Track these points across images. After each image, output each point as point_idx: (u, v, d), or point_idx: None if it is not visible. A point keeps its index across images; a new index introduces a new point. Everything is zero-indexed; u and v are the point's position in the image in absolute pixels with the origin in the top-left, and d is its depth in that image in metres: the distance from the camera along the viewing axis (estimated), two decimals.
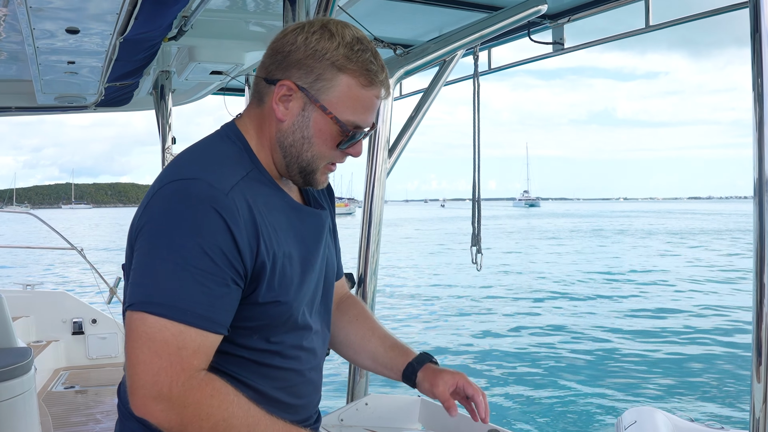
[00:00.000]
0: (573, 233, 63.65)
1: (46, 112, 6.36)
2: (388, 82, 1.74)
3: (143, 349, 1.48)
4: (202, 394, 1.50)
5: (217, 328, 1.54)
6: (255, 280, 1.61)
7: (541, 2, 3.56)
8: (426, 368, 2.03)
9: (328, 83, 1.65)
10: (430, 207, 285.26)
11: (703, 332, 16.83)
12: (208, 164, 1.64)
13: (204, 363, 1.54)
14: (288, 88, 1.67)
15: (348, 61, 1.65)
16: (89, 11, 2.91)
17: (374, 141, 3.68)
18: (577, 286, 25.70)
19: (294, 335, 1.76)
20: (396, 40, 4.13)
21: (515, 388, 12.06)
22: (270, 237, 1.63)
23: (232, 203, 1.56)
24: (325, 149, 1.71)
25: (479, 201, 4.19)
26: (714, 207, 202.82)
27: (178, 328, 1.49)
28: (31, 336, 7.47)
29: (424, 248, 44.90)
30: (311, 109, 1.67)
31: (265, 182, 1.72)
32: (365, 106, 1.70)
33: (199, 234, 1.52)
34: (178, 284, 1.50)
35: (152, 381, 1.47)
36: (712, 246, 45.13)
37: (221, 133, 1.78)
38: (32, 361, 4.89)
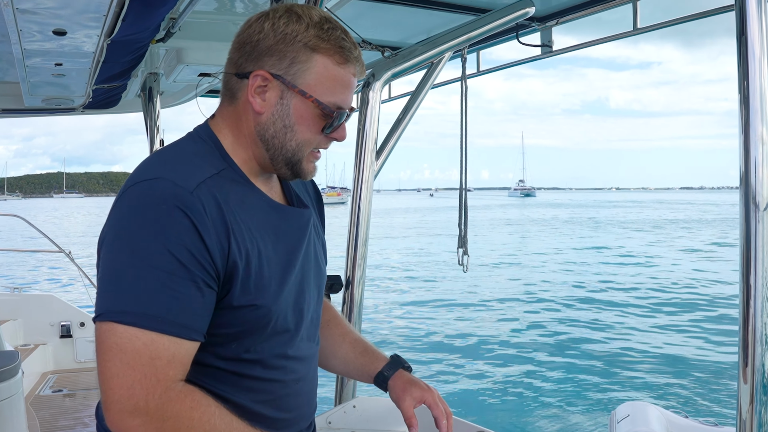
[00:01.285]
0: (598, 226, 62.55)
1: (34, 114, 6.34)
2: (362, 60, 1.70)
3: (114, 361, 1.41)
4: (181, 406, 1.43)
5: (191, 334, 1.47)
6: (228, 282, 1.53)
7: (528, 5, 3.57)
8: (397, 376, 2.00)
9: (303, 66, 1.60)
10: (420, 196, 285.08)
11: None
12: (173, 164, 1.59)
13: (181, 373, 1.47)
14: (263, 78, 1.62)
15: (320, 40, 1.60)
16: (76, 13, 2.89)
17: (362, 143, 3.68)
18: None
19: (276, 342, 1.68)
20: (384, 42, 4.13)
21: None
22: (243, 236, 1.57)
23: (197, 201, 1.49)
24: (309, 135, 1.66)
25: (466, 204, 4.18)
26: (709, 197, 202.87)
27: (149, 337, 1.41)
28: (18, 339, 7.44)
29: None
30: (290, 95, 1.62)
31: (240, 181, 1.66)
32: (344, 85, 1.65)
33: (164, 235, 1.44)
34: (144, 290, 1.43)
35: (127, 395, 1.40)
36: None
37: (192, 135, 1.72)
38: (20, 364, 4.86)
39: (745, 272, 1.77)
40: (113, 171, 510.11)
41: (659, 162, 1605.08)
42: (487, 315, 18.62)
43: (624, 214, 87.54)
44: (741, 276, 1.79)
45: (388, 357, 2.07)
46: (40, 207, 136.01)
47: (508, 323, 17.48)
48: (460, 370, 13.15)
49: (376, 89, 3.65)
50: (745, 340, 1.78)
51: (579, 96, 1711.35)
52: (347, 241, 3.72)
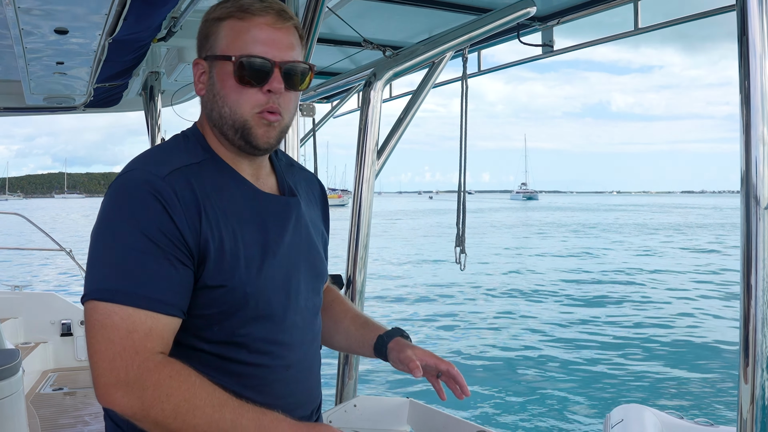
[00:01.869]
0: (622, 227, 61.15)
1: (35, 113, 6.34)
2: (278, 7, 1.73)
3: (97, 337, 1.50)
4: (160, 375, 1.48)
5: (167, 308, 1.54)
6: (202, 262, 1.61)
7: (530, 4, 3.57)
8: (397, 341, 2.00)
9: (215, 36, 1.72)
10: (422, 198, 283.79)
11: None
12: (152, 157, 1.71)
13: (159, 346, 1.53)
14: (200, 66, 1.76)
15: (224, 9, 1.72)
16: (78, 12, 2.89)
17: (363, 142, 3.68)
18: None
19: (260, 327, 1.71)
20: (385, 41, 4.14)
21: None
22: (217, 219, 1.64)
23: (168, 186, 1.59)
24: (235, 95, 1.70)
25: (464, 203, 4.18)
26: (710, 201, 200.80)
27: (126, 312, 1.49)
28: (19, 337, 7.44)
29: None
30: (213, 66, 1.72)
31: (221, 171, 1.74)
32: (252, 36, 1.69)
33: (136, 218, 1.54)
34: (121, 269, 1.52)
35: (109, 368, 1.47)
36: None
37: (180, 133, 1.83)
38: (20, 362, 4.87)
39: (746, 271, 1.77)
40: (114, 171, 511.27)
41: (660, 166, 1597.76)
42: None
43: (649, 216, 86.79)
44: (742, 275, 1.79)
45: (389, 328, 2.08)
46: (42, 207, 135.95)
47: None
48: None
49: (378, 89, 3.65)
50: (746, 340, 1.78)
51: (580, 99, 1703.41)
52: (348, 240, 3.71)
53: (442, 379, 1.94)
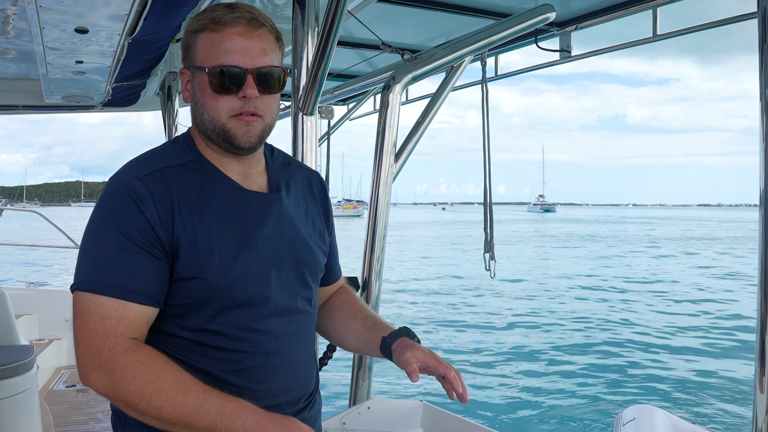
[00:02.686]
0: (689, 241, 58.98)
1: (53, 111, 6.38)
2: (248, 15, 1.79)
3: (77, 323, 1.66)
4: (127, 358, 1.60)
5: (138, 297, 1.66)
6: (175, 256, 1.71)
7: (549, 10, 3.56)
8: (400, 341, 2.00)
9: (194, 47, 1.81)
10: (434, 210, 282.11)
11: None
12: (136, 161, 1.82)
13: (132, 332, 1.65)
14: (185, 75, 1.86)
15: (199, 21, 1.80)
16: (99, 11, 2.92)
17: (381, 145, 3.68)
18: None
19: (238, 315, 1.78)
20: (403, 44, 4.14)
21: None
22: (190, 214, 1.74)
23: (142, 186, 1.71)
24: (214, 102, 1.79)
25: (491, 206, 4.17)
26: (739, 215, 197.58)
27: (100, 300, 1.63)
28: (33, 334, 7.48)
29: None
30: (194, 76, 1.82)
31: (204, 171, 1.83)
32: (223, 47, 1.77)
33: (113, 216, 1.69)
34: (98, 262, 1.67)
35: (86, 350, 1.62)
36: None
37: (173, 138, 1.96)
38: (34, 359, 4.90)
39: (764, 282, 1.76)
40: None
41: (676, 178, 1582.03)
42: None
43: (683, 229, 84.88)
44: (759, 286, 1.78)
45: (396, 328, 2.09)
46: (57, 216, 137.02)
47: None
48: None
49: (396, 92, 3.65)
50: (762, 349, 1.78)
51: (596, 112, 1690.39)
52: (365, 243, 3.71)
53: (442, 383, 1.94)
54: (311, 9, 2.85)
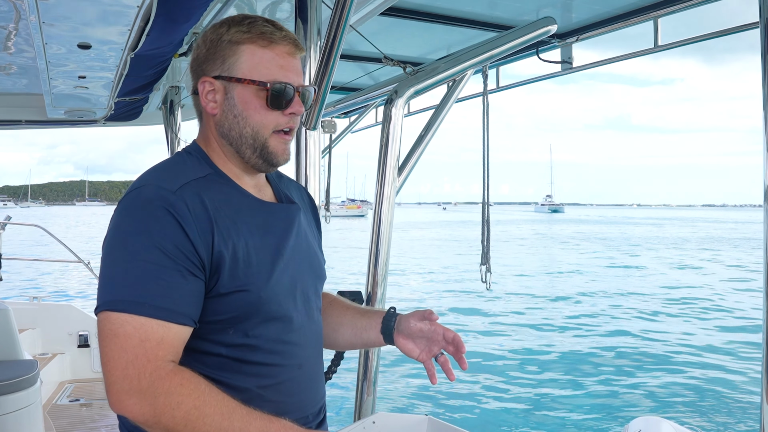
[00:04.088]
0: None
1: (56, 126, 6.39)
2: (293, 37, 1.83)
3: (111, 346, 1.54)
4: (171, 383, 1.53)
5: (178, 318, 1.59)
6: (216, 271, 1.67)
7: (551, 22, 3.57)
8: (398, 331, 2.09)
9: (233, 59, 1.78)
10: (436, 210, 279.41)
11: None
12: (161, 172, 1.76)
13: (171, 355, 1.58)
14: (209, 84, 1.81)
15: (241, 33, 1.78)
16: (102, 27, 2.92)
17: (384, 159, 3.68)
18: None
19: (272, 328, 1.78)
20: (404, 57, 4.15)
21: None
22: (228, 229, 1.71)
23: (180, 200, 1.65)
24: (259, 117, 1.80)
25: (489, 220, 4.17)
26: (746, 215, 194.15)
27: (138, 321, 1.54)
28: (36, 348, 7.48)
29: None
30: (232, 88, 1.79)
31: (225, 183, 1.82)
32: (276, 63, 1.79)
33: (149, 231, 1.60)
34: (134, 280, 1.57)
35: (122, 375, 1.52)
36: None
37: (182, 151, 1.91)
38: (38, 373, 4.90)
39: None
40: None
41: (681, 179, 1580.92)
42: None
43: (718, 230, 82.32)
44: (765, 290, 1.78)
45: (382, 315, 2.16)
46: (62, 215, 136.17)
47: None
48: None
49: (399, 106, 3.65)
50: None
51: (601, 112, 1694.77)
52: (368, 257, 3.70)
53: (446, 349, 2.02)
54: (314, 23, 2.86)
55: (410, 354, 2.06)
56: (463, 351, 1.98)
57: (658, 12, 3.62)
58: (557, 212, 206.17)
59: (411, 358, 2.06)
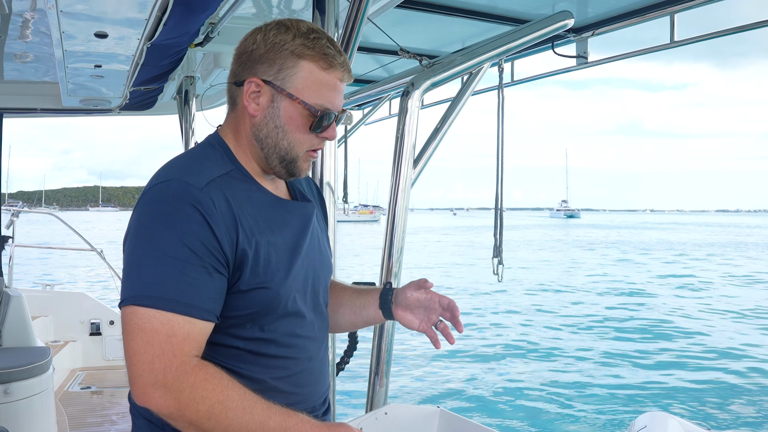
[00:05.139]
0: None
1: (71, 114, 6.41)
2: (348, 66, 1.84)
3: (137, 340, 1.57)
4: (196, 378, 1.57)
5: (204, 314, 1.62)
6: (239, 268, 1.70)
7: (568, 16, 3.56)
8: (396, 305, 2.14)
9: (290, 71, 1.78)
10: (446, 215, 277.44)
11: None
12: (186, 166, 1.77)
13: (196, 350, 1.62)
14: (256, 85, 1.80)
15: (306, 48, 1.77)
16: (119, 16, 2.93)
17: (399, 151, 3.68)
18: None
19: (287, 322, 1.83)
20: (419, 50, 4.14)
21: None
22: (251, 227, 1.74)
23: (207, 197, 1.67)
24: (299, 135, 1.82)
25: (502, 212, 4.18)
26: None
27: (165, 317, 1.57)
28: (49, 336, 7.54)
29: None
30: (279, 99, 1.79)
31: (246, 180, 1.84)
32: (329, 89, 1.81)
33: (177, 227, 1.62)
34: (161, 276, 1.59)
35: (147, 369, 1.55)
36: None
37: (204, 142, 1.91)
38: (50, 360, 4.93)
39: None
40: None
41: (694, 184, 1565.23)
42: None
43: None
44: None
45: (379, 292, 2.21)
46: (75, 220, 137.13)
47: None
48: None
49: (415, 98, 3.64)
50: None
51: (613, 117, 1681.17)
52: (382, 250, 3.71)
53: (443, 315, 2.07)
54: (331, 15, 2.86)
55: (410, 325, 2.10)
56: (458, 314, 2.03)
57: (675, 7, 3.60)
58: (573, 217, 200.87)
59: (411, 329, 2.11)
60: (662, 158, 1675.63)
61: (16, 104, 6.04)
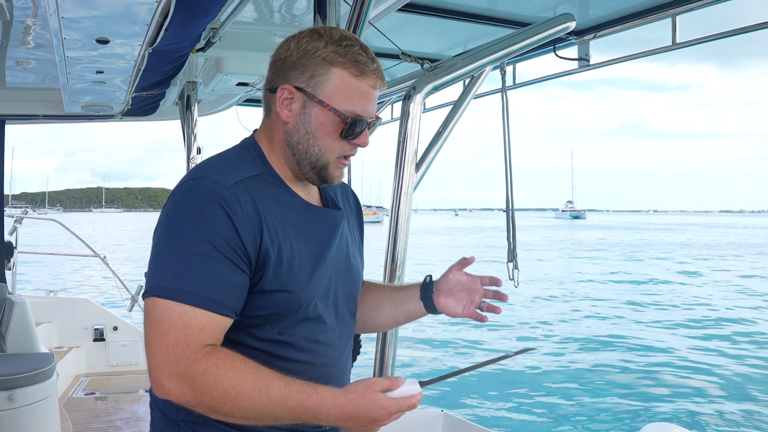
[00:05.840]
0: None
1: (73, 120, 6.42)
2: (381, 73, 1.85)
3: (155, 330, 1.62)
4: (206, 364, 1.59)
5: (221, 309, 1.65)
6: (261, 269, 1.72)
7: (569, 19, 3.56)
8: (437, 295, 2.12)
9: (322, 78, 1.79)
10: (447, 216, 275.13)
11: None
12: (217, 166, 1.81)
13: (210, 341, 1.64)
14: (288, 92, 1.82)
15: (337, 55, 1.79)
16: (120, 22, 2.93)
17: (401, 155, 3.67)
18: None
19: (306, 327, 1.83)
20: (422, 54, 4.14)
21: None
22: (276, 229, 1.76)
23: (233, 196, 1.70)
24: (330, 142, 1.83)
25: (514, 216, 4.14)
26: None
27: (183, 309, 1.61)
28: (53, 342, 7.54)
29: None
30: (311, 105, 1.81)
31: (277, 184, 1.86)
32: (361, 96, 1.81)
33: (201, 223, 1.66)
34: (182, 269, 1.64)
35: (163, 359, 1.60)
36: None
37: (239, 145, 1.94)
38: (54, 366, 4.93)
39: None
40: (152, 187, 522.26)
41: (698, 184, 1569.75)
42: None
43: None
44: None
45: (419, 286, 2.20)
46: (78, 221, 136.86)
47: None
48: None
49: (417, 102, 3.64)
50: None
51: (617, 117, 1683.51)
52: (385, 253, 3.70)
53: (486, 294, 2.07)
54: (332, 19, 2.86)
55: (454, 312, 2.09)
56: (500, 284, 2.06)
57: (676, 9, 3.60)
58: (579, 218, 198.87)
59: (455, 316, 2.10)
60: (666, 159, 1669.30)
61: (18, 111, 6.05)
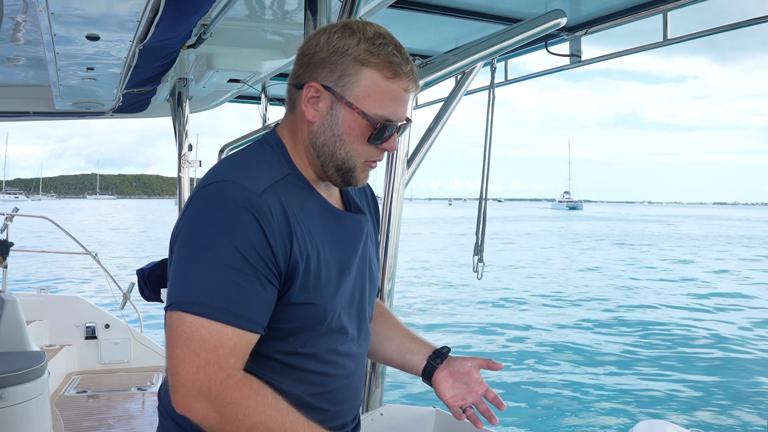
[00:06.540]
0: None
1: (64, 118, 6.40)
2: (416, 75, 1.73)
3: (183, 348, 1.52)
4: (239, 393, 1.52)
5: (253, 326, 1.56)
6: (288, 281, 1.62)
7: (560, 15, 3.56)
8: (439, 371, 2.05)
9: (352, 78, 1.66)
10: (440, 205, 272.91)
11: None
12: (243, 168, 1.68)
13: (241, 362, 1.56)
14: (315, 90, 1.69)
15: (370, 54, 1.65)
16: (110, 18, 2.92)
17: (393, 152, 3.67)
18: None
19: (329, 339, 1.76)
20: (413, 50, 4.14)
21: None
22: (304, 238, 1.65)
23: (264, 204, 1.59)
24: (357, 146, 1.72)
25: (485, 213, 4.17)
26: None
27: (214, 327, 1.51)
28: (44, 340, 7.51)
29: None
30: (338, 107, 1.68)
31: (302, 186, 1.74)
32: (392, 99, 1.69)
33: (232, 234, 1.54)
34: (213, 283, 1.53)
35: (192, 379, 1.50)
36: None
37: (262, 141, 1.81)
38: (46, 365, 4.92)
39: None
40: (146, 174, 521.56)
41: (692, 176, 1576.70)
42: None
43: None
44: None
45: (433, 347, 2.11)
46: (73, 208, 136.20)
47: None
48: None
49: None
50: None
51: (613, 108, 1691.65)
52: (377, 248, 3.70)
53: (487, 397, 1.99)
54: (323, 15, 2.84)
55: (443, 393, 2.03)
56: (502, 409, 1.97)
57: (667, 5, 3.61)
58: (575, 209, 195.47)
59: (441, 397, 2.03)
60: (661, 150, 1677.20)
61: (8, 108, 6.03)
